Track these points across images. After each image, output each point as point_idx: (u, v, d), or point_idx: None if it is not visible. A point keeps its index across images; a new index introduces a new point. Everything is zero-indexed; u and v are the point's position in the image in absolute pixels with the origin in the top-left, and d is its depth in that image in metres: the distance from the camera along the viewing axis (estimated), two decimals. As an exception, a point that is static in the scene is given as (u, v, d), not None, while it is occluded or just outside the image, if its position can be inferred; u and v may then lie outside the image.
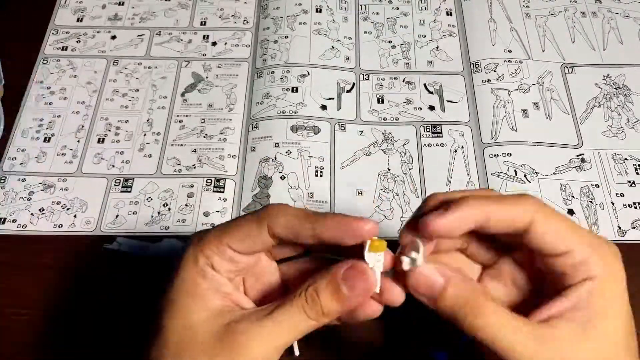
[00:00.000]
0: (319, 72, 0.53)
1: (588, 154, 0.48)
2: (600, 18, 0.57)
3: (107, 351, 0.40)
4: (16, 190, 0.46)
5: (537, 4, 0.58)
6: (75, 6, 0.58)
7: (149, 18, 0.57)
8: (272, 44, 0.55)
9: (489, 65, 0.53)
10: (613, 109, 0.51)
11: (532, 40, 0.55)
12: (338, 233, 0.26)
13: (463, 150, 0.48)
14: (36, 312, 0.41)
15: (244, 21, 0.57)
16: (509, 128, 0.49)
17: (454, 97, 0.52)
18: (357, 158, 0.48)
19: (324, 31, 0.56)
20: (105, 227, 0.45)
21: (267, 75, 0.53)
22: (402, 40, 0.56)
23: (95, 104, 0.51)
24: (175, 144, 0.49)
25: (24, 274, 0.42)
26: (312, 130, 0.49)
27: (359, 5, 0.58)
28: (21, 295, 0.41)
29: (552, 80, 0.53)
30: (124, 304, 0.41)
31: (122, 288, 0.42)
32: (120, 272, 0.43)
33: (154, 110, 0.51)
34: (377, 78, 0.53)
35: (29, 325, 0.40)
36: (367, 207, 0.46)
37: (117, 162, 0.48)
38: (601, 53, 0.54)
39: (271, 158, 0.48)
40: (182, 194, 0.46)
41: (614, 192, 0.46)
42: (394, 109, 0.51)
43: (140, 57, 0.55)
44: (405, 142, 0.49)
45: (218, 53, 0.55)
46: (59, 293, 0.41)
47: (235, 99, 0.52)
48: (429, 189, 0.46)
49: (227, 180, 0.47)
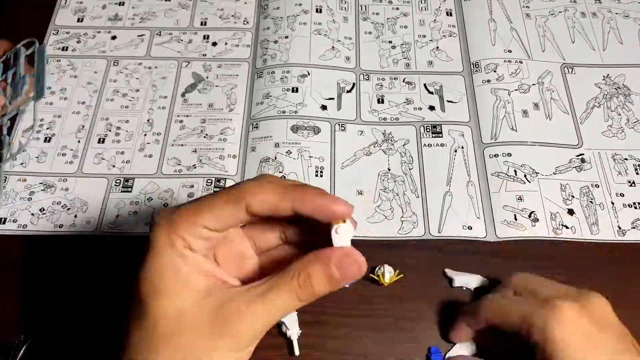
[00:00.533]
0: (319, 72, 0.53)
1: (588, 154, 0.48)
2: (600, 18, 0.57)
3: (107, 351, 0.40)
4: (16, 190, 0.46)
5: (537, 4, 0.58)
6: (76, 6, 0.58)
7: (149, 18, 0.58)
8: (272, 44, 0.55)
9: (489, 66, 0.53)
10: (613, 109, 0.51)
11: (532, 40, 0.55)
12: (317, 212, 0.27)
13: (463, 151, 0.48)
14: (36, 312, 0.41)
15: (244, 21, 0.57)
16: (509, 128, 0.49)
17: (454, 97, 0.52)
18: (357, 158, 0.48)
19: (324, 31, 0.56)
20: (105, 227, 0.45)
21: (267, 75, 0.53)
22: (402, 40, 0.56)
23: (96, 104, 0.52)
24: (175, 144, 0.49)
25: (24, 274, 0.42)
26: (312, 130, 0.49)
27: (359, 5, 0.58)
28: (21, 295, 0.41)
29: (552, 80, 0.53)
30: (125, 303, 0.41)
31: (122, 288, 0.42)
32: (120, 272, 0.43)
33: (154, 110, 0.51)
34: (377, 78, 0.53)
35: (29, 325, 0.40)
36: (367, 207, 0.46)
37: (118, 162, 0.48)
38: (601, 53, 0.54)
39: (271, 158, 0.48)
40: (182, 194, 0.46)
41: (614, 192, 0.46)
42: (394, 109, 0.51)
43: (141, 57, 0.55)
44: (406, 142, 0.49)
45: (218, 53, 0.55)
46: (59, 293, 0.41)
47: (235, 99, 0.52)
48: (429, 189, 0.46)
49: (228, 181, 0.47)
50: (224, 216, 0.27)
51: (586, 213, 0.45)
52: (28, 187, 0.47)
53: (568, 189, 0.46)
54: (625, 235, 0.44)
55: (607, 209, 0.45)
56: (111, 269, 0.43)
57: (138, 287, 0.27)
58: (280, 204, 0.27)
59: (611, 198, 0.46)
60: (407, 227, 0.45)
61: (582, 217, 0.45)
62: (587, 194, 0.46)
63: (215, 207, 0.27)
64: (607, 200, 0.46)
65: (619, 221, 0.45)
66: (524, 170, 0.47)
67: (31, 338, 0.39)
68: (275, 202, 0.27)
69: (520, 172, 0.47)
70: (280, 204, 0.27)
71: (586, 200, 0.46)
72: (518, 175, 0.47)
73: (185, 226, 0.27)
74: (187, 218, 0.27)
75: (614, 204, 0.46)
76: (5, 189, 0.46)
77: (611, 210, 0.45)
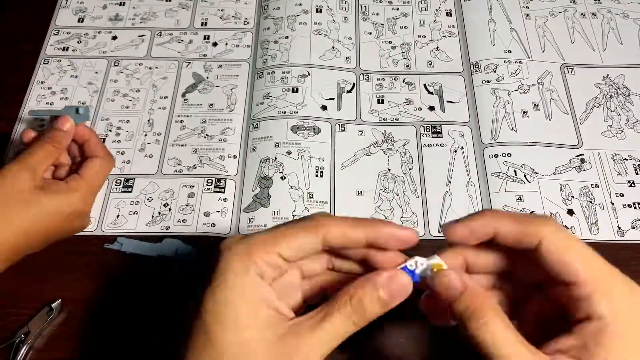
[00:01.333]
0: (319, 72, 0.53)
1: (588, 154, 0.48)
2: (599, 19, 0.57)
3: (107, 350, 0.40)
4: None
5: (537, 4, 0.58)
6: (76, 7, 0.58)
7: (149, 18, 0.58)
8: (273, 45, 0.55)
9: (489, 66, 0.53)
10: (613, 109, 0.51)
11: (531, 40, 0.55)
12: (390, 241, 0.29)
13: (463, 151, 0.49)
14: (37, 312, 0.41)
15: (244, 22, 0.57)
16: (508, 128, 0.50)
17: (454, 97, 0.52)
18: (357, 158, 0.48)
19: (324, 31, 0.56)
20: (106, 227, 0.45)
21: (267, 75, 0.53)
22: (402, 40, 0.56)
23: (96, 104, 0.52)
24: (175, 144, 0.49)
25: (24, 274, 0.42)
26: (313, 130, 0.49)
27: (359, 5, 0.58)
28: (21, 295, 0.42)
29: (552, 80, 0.53)
30: (125, 303, 0.41)
31: (122, 288, 0.42)
32: (121, 272, 0.43)
33: (154, 110, 0.51)
34: (377, 78, 0.53)
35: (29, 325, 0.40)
36: (367, 207, 0.46)
37: (118, 162, 0.48)
38: (601, 53, 0.55)
39: (271, 158, 0.48)
40: (182, 194, 0.46)
41: (614, 192, 0.46)
42: (394, 109, 0.51)
43: (141, 58, 0.55)
44: (405, 143, 0.49)
45: (219, 53, 0.55)
46: (60, 293, 0.41)
47: (235, 100, 0.52)
48: (429, 189, 0.47)
49: (228, 181, 0.47)
50: (301, 246, 0.28)
51: (586, 213, 0.45)
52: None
53: (568, 189, 0.46)
54: (624, 236, 0.44)
55: (606, 209, 0.46)
56: (112, 269, 0.43)
57: (202, 316, 0.27)
58: (354, 236, 0.28)
59: (611, 198, 0.46)
60: (407, 227, 0.45)
61: (581, 217, 0.45)
62: (587, 194, 0.46)
63: (293, 237, 0.28)
64: (607, 201, 0.46)
65: (619, 221, 0.45)
66: (524, 170, 0.47)
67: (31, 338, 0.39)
68: (350, 234, 0.28)
69: (520, 172, 0.47)
70: (354, 235, 0.28)
71: (586, 201, 0.46)
72: (518, 176, 0.47)
73: (262, 253, 0.27)
74: (264, 245, 0.28)
75: (613, 204, 0.46)
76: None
77: (611, 211, 0.45)
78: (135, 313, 0.41)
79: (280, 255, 0.28)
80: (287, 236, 0.28)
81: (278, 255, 0.28)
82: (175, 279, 0.42)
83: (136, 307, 0.41)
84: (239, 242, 0.28)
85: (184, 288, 0.40)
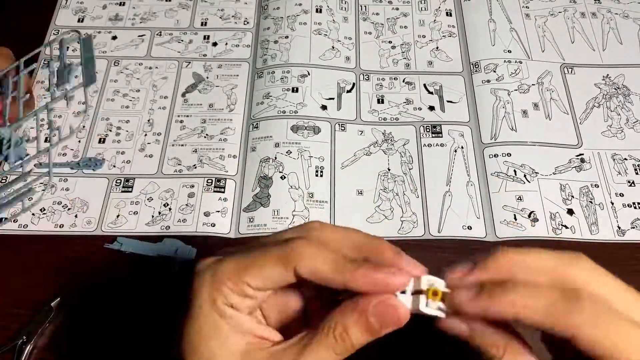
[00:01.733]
0: (319, 72, 0.53)
1: (587, 154, 0.48)
2: (599, 18, 0.57)
3: (107, 350, 0.40)
4: (18, 191, 0.46)
5: (537, 4, 0.58)
6: (76, 7, 0.58)
7: (149, 18, 0.58)
8: (273, 44, 0.55)
9: (489, 66, 0.53)
10: (612, 109, 0.51)
11: (531, 40, 0.55)
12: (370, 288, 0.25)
13: (463, 151, 0.49)
14: (36, 312, 0.41)
15: (244, 21, 0.57)
16: (508, 128, 0.50)
17: (454, 97, 0.52)
18: (357, 158, 0.48)
19: (324, 31, 0.56)
20: (106, 227, 0.45)
21: (267, 75, 0.53)
22: (402, 40, 0.56)
23: (96, 104, 0.52)
24: (175, 144, 0.49)
25: (24, 274, 0.42)
26: (313, 130, 0.49)
27: (359, 5, 0.58)
28: (22, 295, 0.42)
29: (552, 80, 0.53)
30: (125, 303, 0.41)
31: (122, 288, 0.42)
32: (121, 272, 0.43)
33: (154, 110, 0.51)
34: (377, 78, 0.53)
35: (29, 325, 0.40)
36: (367, 207, 0.46)
37: (118, 162, 0.48)
38: (600, 53, 0.55)
39: (271, 158, 0.48)
40: (182, 194, 0.46)
41: (614, 192, 0.46)
42: (394, 109, 0.51)
43: (141, 58, 0.55)
44: (405, 142, 0.49)
45: (219, 53, 0.55)
46: (60, 293, 0.41)
47: (235, 99, 0.52)
48: (429, 189, 0.47)
49: (228, 180, 0.47)
50: (271, 277, 0.26)
51: (586, 213, 0.45)
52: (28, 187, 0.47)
53: (568, 189, 0.46)
54: (624, 235, 0.44)
55: (606, 209, 0.46)
56: (112, 269, 0.43)
57: (179, 346, 0.26)
58: (333, 279, 0.25)
59: (611, 198, 0.46)
60: (407, 227, 0.45)
61: (581, 217, 0.45)
62: (587, 194, 0.46)
63: (263, 267, 0.26)
64: (607, 200, 0.46)
65: (619, 221, 0.45)
66: (524, 170, 0.47)
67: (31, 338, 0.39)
68: (327, 275, 0.25)
69: (520, 172, 0.47)
70: (333, 278, 0.25)
71: (586, 200, 0.46)
72: (518, 175, 0.47)
73: (230, 283, 0.26)
74: (233, 274, 0.26)
75: (613, 204, 0.46)
76: (9, 189, 0.46)
77: (611, 210, 0.45)
78: (135, 313, 0.41)
79: (249, 284, 0.26)
80: (256, 265, 0.26)
81: (246, 284, 0.26)
82: (175, 279, 0.42)
83: (136, 307, 0.41)
84: (209, 267, 0.27)
85: (184, 288, 0.40)
